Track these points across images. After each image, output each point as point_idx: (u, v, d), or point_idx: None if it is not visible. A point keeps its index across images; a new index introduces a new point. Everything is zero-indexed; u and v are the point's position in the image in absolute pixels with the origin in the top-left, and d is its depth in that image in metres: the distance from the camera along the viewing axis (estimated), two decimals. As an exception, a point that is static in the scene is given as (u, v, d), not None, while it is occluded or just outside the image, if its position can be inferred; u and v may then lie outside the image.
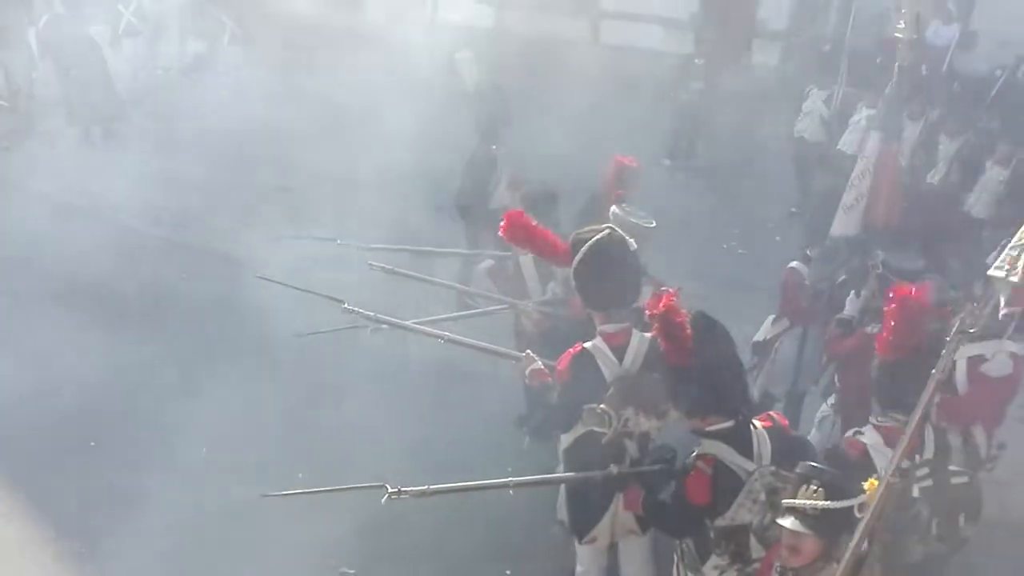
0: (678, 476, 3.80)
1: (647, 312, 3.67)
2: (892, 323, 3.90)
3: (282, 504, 5.21)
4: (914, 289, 3.97)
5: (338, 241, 6.26)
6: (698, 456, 3.67)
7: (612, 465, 4.08)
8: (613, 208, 5.15)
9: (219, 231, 9.31)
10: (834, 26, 13.45)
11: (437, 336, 4.88)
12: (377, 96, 10.68)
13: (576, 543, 4.71)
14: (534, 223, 4.77)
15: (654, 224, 5.10)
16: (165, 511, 5.57)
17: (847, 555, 2.87)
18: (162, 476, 5.79)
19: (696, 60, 11.19)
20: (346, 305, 4.88)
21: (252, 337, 6.97)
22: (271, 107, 11.67)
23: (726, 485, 3.58)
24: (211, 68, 13.36)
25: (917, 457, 3.94)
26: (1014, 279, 3.79)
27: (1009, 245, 3.97)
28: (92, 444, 6.30)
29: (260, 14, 13.11)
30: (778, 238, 9.54)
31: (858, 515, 2.88)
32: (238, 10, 13.09)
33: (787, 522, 3.10)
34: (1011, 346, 4.63)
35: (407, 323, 4.96)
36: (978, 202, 7.63)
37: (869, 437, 4.01)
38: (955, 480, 4.07)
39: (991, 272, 4.00)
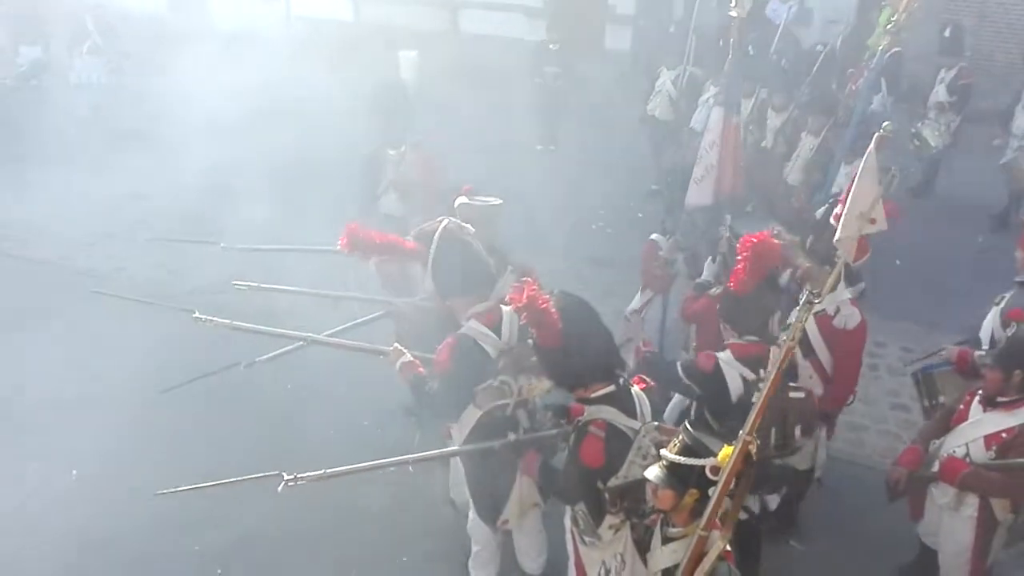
0: (570, 442, 3.94)
1: (512, 305, 3.78)
2: (746, 262, 4.41)
3: (171, 512, 5.16)
4: (762, 234, 4.48)
5: (222, 245, 6.08)
6: (588, 421, 3.81)
7: (510, 433, 4.21)
8: (459, 200, 5.20)
9: (72, 243, 8.90)
10: (680, 8, 14.06)
11: (299, 338, 4.83)
12: (237, 96, 10.41)
13: (469, 522, 4.83)
14: (372, 231, 4.89)
15: (500, 201, 5.22)
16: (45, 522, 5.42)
17: (708, 509, 3.12)
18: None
19: (550, 46, 11.38)
20: (196, 314, 4.74)
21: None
22: (125, 112, 11.19)
23: (618, 446, 3.75)
24: (52, 73, 12.62)
25: (762, 371, 4.39)
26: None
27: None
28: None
29: (111, 18, 12.45)
30: (640, 215, 9.96)
31: (711, 476, 3.12)
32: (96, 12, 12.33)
33: (651, 471, 3.35)
34: (846, 294, 4.97)
35: (265, 328, 4.85)
36: (792, 170, 8.03)
37: (723, 353, 4.52)
38: (793, 395, 4.42)
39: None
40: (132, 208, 9.47)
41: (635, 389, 3.99)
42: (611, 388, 3.83)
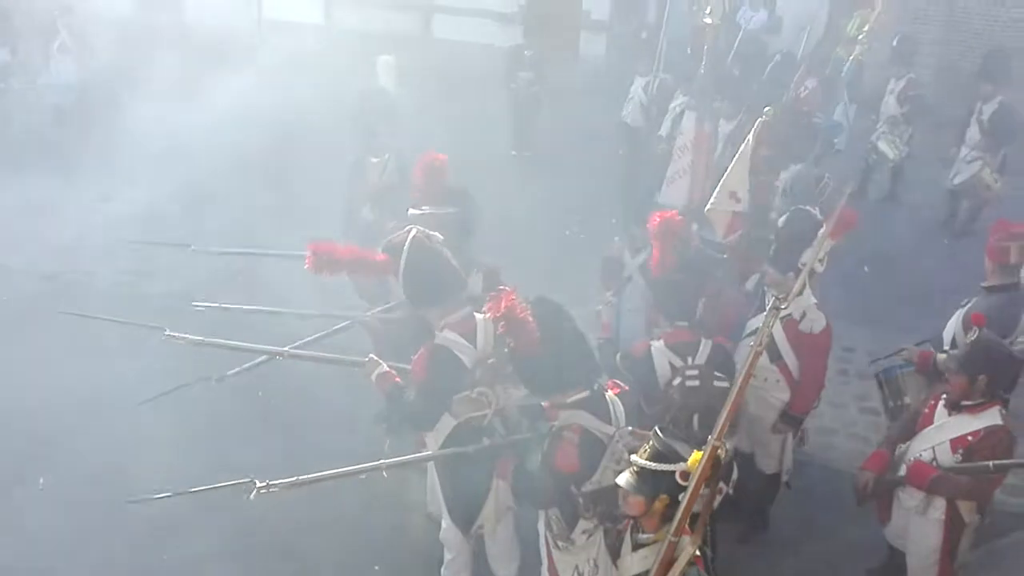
0: (545, 447, 3.96)
1: (490, 315, 3.81)
2: (657, 244, 4.63)
3: (141, 521, 5.10)
4: (665, 213, 4.69)
5: (192, 248, 6.04)
6: (563, 427, 3.84)
7: (484, 437, 4.23)
8: (410, 211, 5.22)
9: (41, 248, 8.76)
10: (653, 15, 14.15)
11: (273, 353, 4.79)
12: (208, 98, 10.32)
13: (442, 530, 4.81)
14: (338, 247, 4.73)
15: (453, 209, 5.22)
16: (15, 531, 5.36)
17: (678, 515, 3.13)
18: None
19: (525, 51, 11.40)
20: (167, 332, 4.70)
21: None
22: (94, 114, 11.05)
23: (592, 451, 3.80)
24: (20, 75, 12.41)
25: (690, 359, 4.62)
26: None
27: None
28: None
29: (83, 17, 12.25)
30: (614, 220, 9.98)
31: (681, 481, 3.14)
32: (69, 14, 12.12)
33: (621, 477, 3.36)
34: (811, 298, 5.05)
35: (237, 344, 4.81)
36: None
37: (657, 342, 4.74)
38: (717, 383, 4.54)
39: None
40: (102, 211, 9.33)
41: (609, 394, 4.02)
42: (586, 394, 3.86)
